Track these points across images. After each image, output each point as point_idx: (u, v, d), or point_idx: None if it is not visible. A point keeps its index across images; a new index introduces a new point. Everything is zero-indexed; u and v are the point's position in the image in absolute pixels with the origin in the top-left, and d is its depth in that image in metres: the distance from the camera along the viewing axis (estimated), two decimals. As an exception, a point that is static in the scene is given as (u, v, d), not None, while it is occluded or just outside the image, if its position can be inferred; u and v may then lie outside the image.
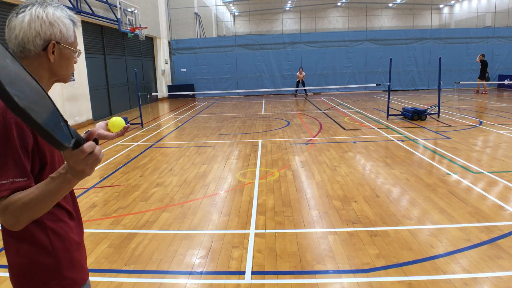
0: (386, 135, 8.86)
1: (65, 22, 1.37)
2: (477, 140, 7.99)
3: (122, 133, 1.63)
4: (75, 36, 1.44)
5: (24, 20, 1.31)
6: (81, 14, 11.65)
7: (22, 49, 1.33)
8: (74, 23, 1.42)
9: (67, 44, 1.40)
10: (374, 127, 9.96)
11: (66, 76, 1.46)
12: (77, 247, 1.45)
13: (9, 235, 1.34)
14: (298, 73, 19.82)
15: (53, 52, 1.36)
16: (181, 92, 20.20)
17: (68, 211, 1.45)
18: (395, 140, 8.20)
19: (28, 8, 1.33)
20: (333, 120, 11.40)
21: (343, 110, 13.75)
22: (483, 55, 17.75)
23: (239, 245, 3.72)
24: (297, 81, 20.02)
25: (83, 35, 12.14)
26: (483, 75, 17.48)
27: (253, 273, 3.21)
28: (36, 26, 1.31)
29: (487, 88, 18.65)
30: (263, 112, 13.96)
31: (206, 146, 8.31)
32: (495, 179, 5.43)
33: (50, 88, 1.46)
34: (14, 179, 1.22)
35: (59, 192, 1.18)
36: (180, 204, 4.86)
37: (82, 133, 1.13)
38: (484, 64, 17.48)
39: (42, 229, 1.34)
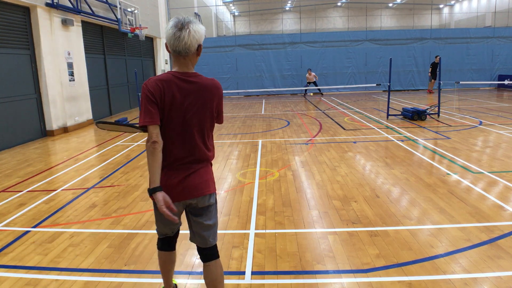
0: (386, 135, 8.86)
1: (204, 32, 2.24)
2: (477, 140, 7.99)
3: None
4: None
5: (190, 34, 2.14)
6: (81, 14, 11.65)
7: (187, 51, 2.17)
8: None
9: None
10: (374, 127, 9.96)
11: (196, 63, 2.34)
12: (164, 181, 2.26)
13: None
14: (307, 75, 19.47)
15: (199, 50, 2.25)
16: (181, 92, 20.15)
17: (167, 166, 2.27)
18: (395, 140, 8.20)
19: (189, 25, 2.14)
20: (333, 120, 11.40)
21: (343, 110, 13.75)
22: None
23: (239, 245, 3.72)
24: (308, 82, 19.69)
25: (83, 35, 12.14)
26: (435, 75, 17.48)
27: (253, 273, 3.21)
28: (196, 36, 2.17)
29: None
30: (263, 112, 13.96)
31: (206, 146, 8.30)
32: (495, 179, 5.44)
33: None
34: (145, 119, 2.18)
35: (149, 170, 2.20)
36: (180, 204, 4.85)
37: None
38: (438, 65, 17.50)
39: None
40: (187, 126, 2.23)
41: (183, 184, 2.27)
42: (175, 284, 2.93)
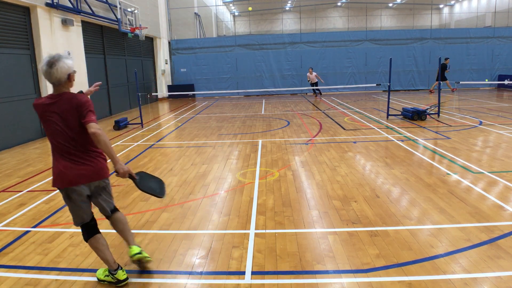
0: (386, 135, 8.86)
1: (71, 64, 2.85)
2: (477, 140, 7.99)
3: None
4: None
5: (57, 69, 2.76)
6: (81, 14, 11.65)
7: (59, 82, 2.81)
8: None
9: (73, 72, 2.90)
10: (374, 127, 9.96)
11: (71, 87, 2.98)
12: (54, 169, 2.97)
13: None
14: (308, 73, 19.35)
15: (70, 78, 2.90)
16: (181, 92, 20.20)
17: (62, 160, 2.95)
18: (395, 140, 8.20)
19: (57, 63, 2.76)
20: (333, 120, 11.40)
21: (343, 110, 13.75)
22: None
23: (239, 245, 3.72)
24: (310, 83, 19.56)
25: (83, 35, 12.14)
26: (444, 77, 17.40)
27: (253, 273, 3.21)
28: (63, 70, 2.79)
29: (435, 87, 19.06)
30: (263, 112, 13.96)
31: (206, 146, 8.31)
32: (495, 179, 5.44)
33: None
34: None
35: None
36: (180, 204, 4.86)
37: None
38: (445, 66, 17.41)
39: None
40: (57, 131, 2.83)
41: (75, 172, 2.92)
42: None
